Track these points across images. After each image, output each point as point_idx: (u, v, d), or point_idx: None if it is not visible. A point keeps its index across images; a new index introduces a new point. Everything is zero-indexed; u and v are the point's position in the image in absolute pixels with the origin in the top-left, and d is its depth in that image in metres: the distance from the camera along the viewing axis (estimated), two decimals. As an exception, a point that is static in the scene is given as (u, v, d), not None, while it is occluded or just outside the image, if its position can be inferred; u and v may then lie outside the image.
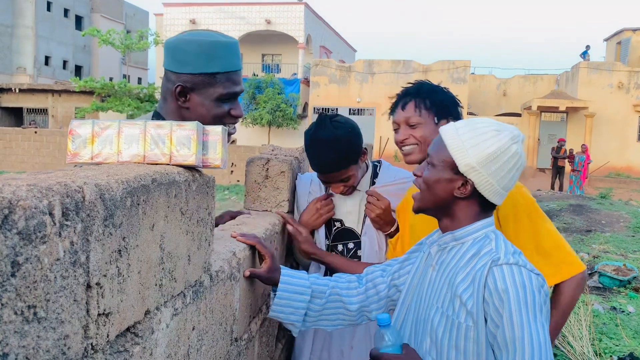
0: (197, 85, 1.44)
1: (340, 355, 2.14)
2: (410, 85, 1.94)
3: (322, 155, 2.00)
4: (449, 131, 1.39)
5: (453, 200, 1.38)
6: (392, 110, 1.92)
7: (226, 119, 1.50)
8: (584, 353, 4.03)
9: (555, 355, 4.08)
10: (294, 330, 1.67)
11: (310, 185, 2.26)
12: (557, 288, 1.65)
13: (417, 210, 1.46)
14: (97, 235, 0.74)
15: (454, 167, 1.35)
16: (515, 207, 1.64)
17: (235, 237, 1.60)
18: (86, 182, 0.73)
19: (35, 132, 20.34)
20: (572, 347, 4.10)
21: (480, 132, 1.36)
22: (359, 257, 2.15)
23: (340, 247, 2.18)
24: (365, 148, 2.14)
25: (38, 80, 32.80)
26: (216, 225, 1.89)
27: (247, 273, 1.57)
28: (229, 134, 1.52)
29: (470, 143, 1.34)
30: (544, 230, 1.66)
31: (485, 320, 1.28)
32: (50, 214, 0.64)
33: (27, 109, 27.17)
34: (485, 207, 1.39)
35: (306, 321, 1.65)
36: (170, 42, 1.48)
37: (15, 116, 27.57)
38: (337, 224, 2.19)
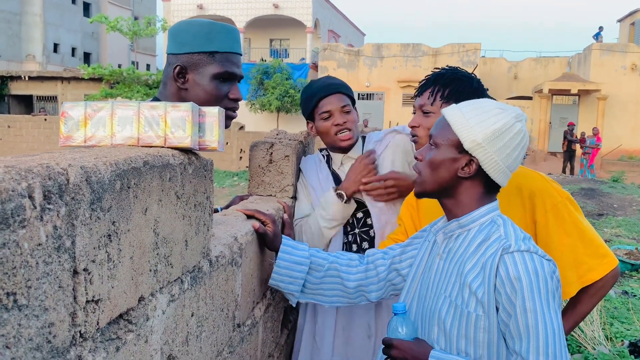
0: (195, 64, 1.45)
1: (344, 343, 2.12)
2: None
3: (325, 82, 2.16)
4: (452, 111, 1.36)
5: (457, 181, 1.34)
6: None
7: (225, 102, 1.49)
8: (595, 337, 3.99)
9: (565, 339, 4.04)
10: (293, 300, 1.72)
11: (320, 163, 2.24)
12: (597, 281, 1.61)
13: (419, 194, 1.42)
14: (84, 220, 0.71)
15: (458, 146, 1.32)
16: (555, 204, 1.60)
17: (236, 210, 1.66)
18: (71, 164, 0.70)
19: (45, 120, 20.42)
20: (582, 331, 4.06)
21: (485, 110, 1.33)
22: (370, 226, 2.13)
23: (349, 219, 2.15)
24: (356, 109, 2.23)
25: (47, 67, 32.84)
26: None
27: (256, 225, 1.63)
28: (230, 118, 1.51)
29: (475, 120, 1.31)
30: (585, 222, 1.63)
31: (497, 309, 1.25)
32: (30, 197, 0.61)
33: (37, 97, 27.23)
34: (489, 189, 1.35)
35: (304, 292, 1.69)
36: (172, 27, 1.50)
37: (25, 104, 27.68)
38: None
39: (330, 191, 2.11)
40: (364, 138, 2.27)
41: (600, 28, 25.32)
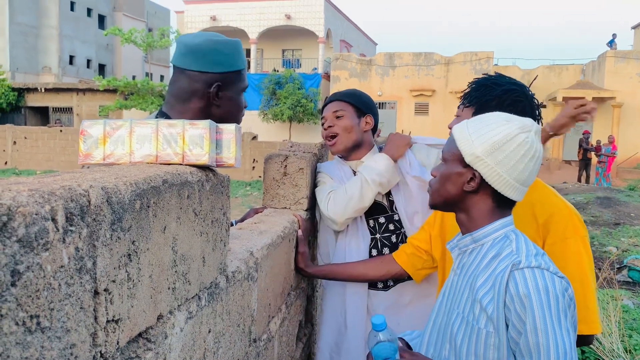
0: (230, 82, 1.51)
1: None
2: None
3: (334, 92, 2.27)
4: (459, 125, 1.36)
5: (465, 196, 1.33)
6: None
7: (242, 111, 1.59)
8: (614, 350, 3.93)
9: (583, 352, 3.98)
10: None
11: (340, 164, 2.27)
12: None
13: (432, 206, 1.43)
14: (105, 240, 0.72)
15: (462, 160, 1.31)
16: (566, 238, 1.52)
17: None
18: (92, 185, 0.71)
19: (61, 131, 20.69)
20: (600, 343, 4.00)
21: (489, 122, 1.31)
22: (391, 232, 2.12)
23: (371, 223, 2.15)
24: (372, 118, 2.22)
25: (63, 79, 33.33)
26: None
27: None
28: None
29: (476, 134, 1.30)
30: (589, 269, 1.53)
31: (507, 326, 1.23)
32: (53, 220, 0.61)
33: (53, 108, 27.64)
34: (501, 203, 1.32)
35: None
36: (191, 43, 1.48)
37: (42, 115, 28.09)
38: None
39: (378, 153, 2.14)
40: (380, 149, 2.26)
41: (614, 35, 25.13)
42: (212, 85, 1.46)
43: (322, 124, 2.22)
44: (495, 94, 1.65)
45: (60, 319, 0.63)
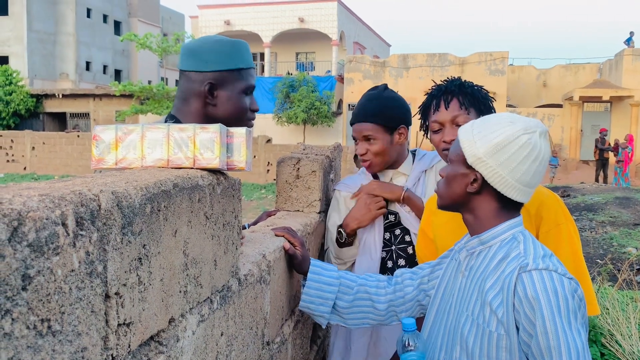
0: (224, 81, 1.50)
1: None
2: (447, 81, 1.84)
3: (361, 106, 2.13)
4: (465, 126, 1.36)
5: (469, 197, 1.32)
6: (434, 109, 1.79)
7: (248, 114, 1.55)
8: (634, 352, 3.86)
9: (602, 354, 3.92)
10: (323, 322, 1.70)
11: (365, 178, 2.23)
12: None
13: (439, 207, 1.42)
14: (115, 244, 0.72)
15: (465, 161, 1.31)
16: (559, 224, 1.53)
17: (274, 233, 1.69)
18: (102, 190, 0.72)
19: (78, 136, 20.97)
20: (620, 346, 3.93)
21: (492, 123, 1.30)
22: (408, 243, 2.10)
23: (387, 235, 2.12)
24: (405, 127, 2.14)
25: (80, 85, 33.76)
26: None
27: (287, 246, 1.65)
28: (249, 127, 1.55)
29: (479, 135, 1.29)
30: (581, 254, 1.55)
31: (517, 329, 1.22)
32: (64, 225, 0.62)
33: (70, 114, 28.03)
34: (507, 205, 1.31)
35: (334, 314, 1.67)
36: (190, 45, 1.52)
37: (59, 121, 28.48)
38: (391, 217, 2.13)
39: (335, 228, 2.12)
40: (413, 154, 2.22)
41: (632, 33, 24.74)
42: (205, 83, 1.47)
43: (354, 140, 2.15)
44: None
45: (71, 323, 0.64)
